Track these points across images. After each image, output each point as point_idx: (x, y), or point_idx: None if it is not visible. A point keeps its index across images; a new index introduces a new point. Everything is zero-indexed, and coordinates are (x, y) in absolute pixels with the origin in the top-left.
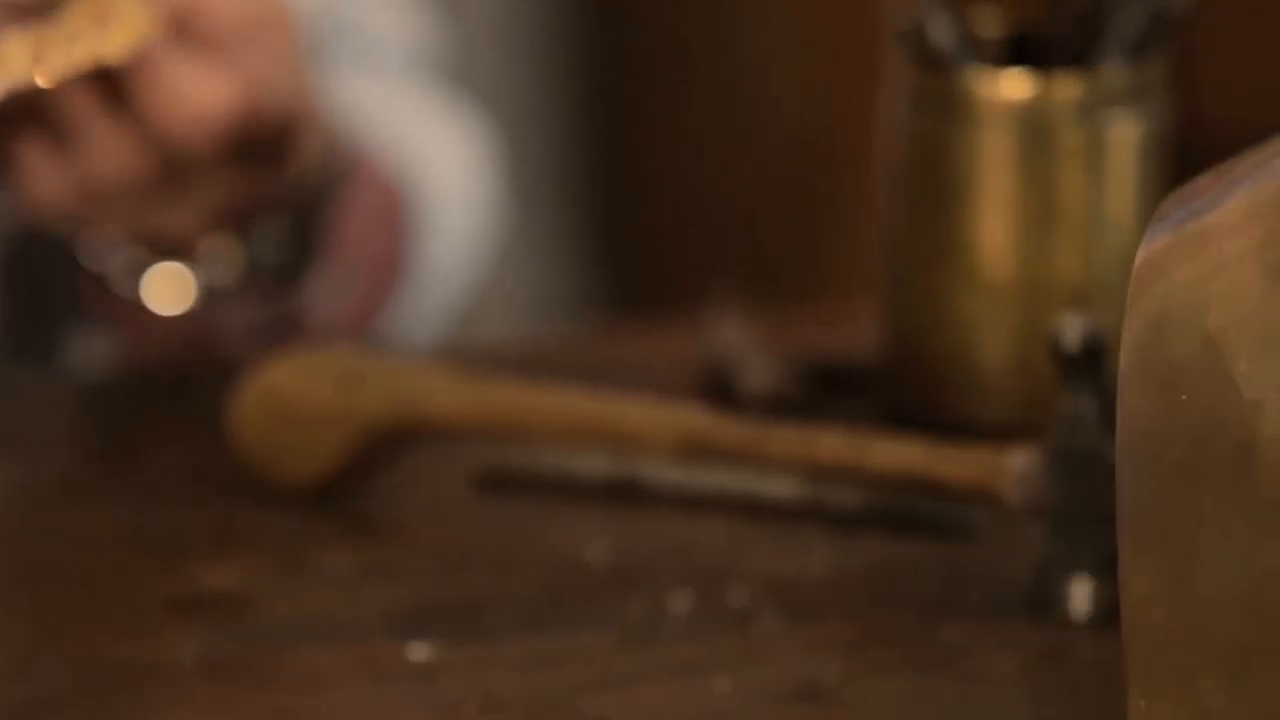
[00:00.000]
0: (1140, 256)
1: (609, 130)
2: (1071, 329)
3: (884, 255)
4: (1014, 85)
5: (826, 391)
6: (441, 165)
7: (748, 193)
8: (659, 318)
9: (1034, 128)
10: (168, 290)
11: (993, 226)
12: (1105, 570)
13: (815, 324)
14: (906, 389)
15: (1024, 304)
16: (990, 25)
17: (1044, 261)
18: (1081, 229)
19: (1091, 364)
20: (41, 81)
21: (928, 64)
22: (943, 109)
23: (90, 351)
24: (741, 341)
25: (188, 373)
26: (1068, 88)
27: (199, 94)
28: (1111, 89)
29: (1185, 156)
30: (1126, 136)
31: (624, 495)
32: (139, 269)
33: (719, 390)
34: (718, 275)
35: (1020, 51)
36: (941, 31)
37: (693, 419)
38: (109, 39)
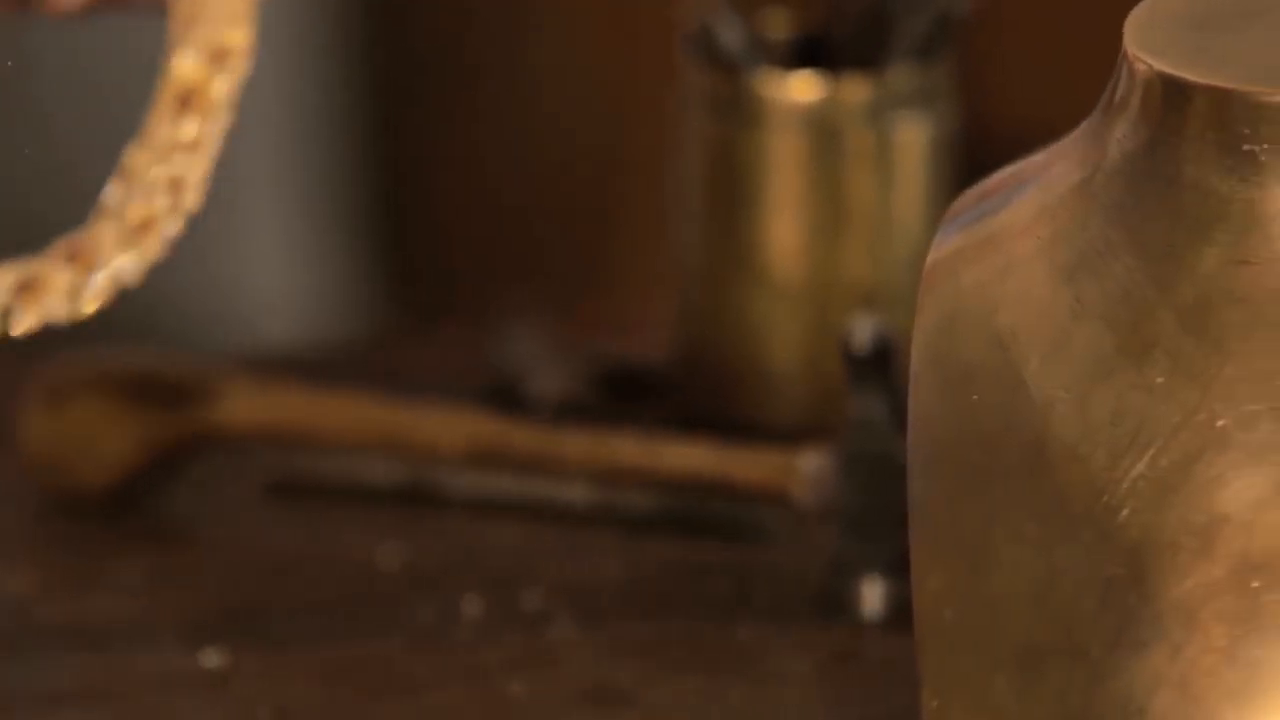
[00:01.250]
0: (930, 258)
1: (392, 135)
2: (861, 330)
3: (675, 258)
4: (802, 88)
5: (618, 395)
6: None
7: (536, 196)
8: (448, 324)
9: (822, 130)
10: None
11: (782, 229)
12: (897, 570)
13: (606, 328)
14: (698, 392)
15: (814, 305)
16: (778, 27)
17: (833, 263)
18: (870, 230)
19: (881, 365)
20: None
21: (716, 66)
22: (731, 111)
23: None
24: (532, 346)
25: None
26: (855, 90)
27: None
28: (899, 91)
29: (974, 157)
30: (914, 138)
31: (416, 500)
32: None
33: (509, 395)
34: (506, 280)
35: (808, 54)
36: (730, 34)
37: (484, 423)
38: None
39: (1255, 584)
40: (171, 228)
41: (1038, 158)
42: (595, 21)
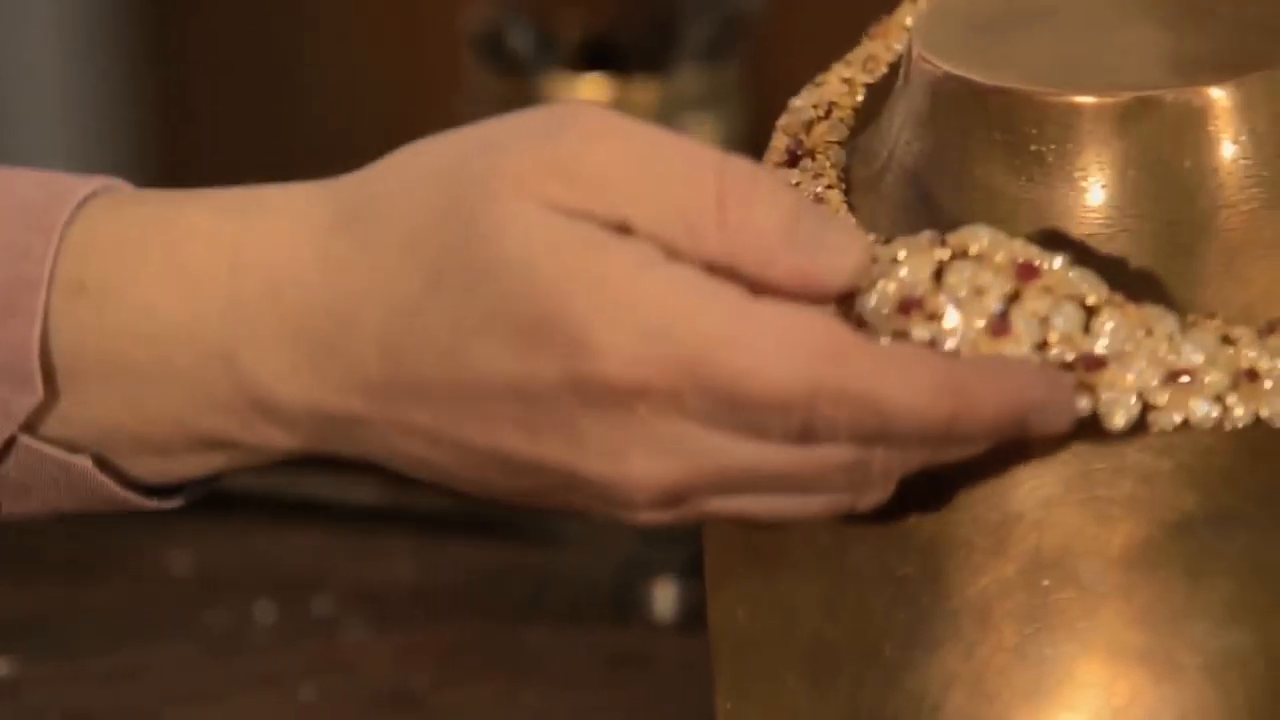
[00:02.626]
0: None
1: (166, 142)
2: None
3: None
4: (590, 90)
5: None
6: None
7: None
8: None
9: None
10: None
11: None
12: (690, 572)
13: None
14: None
15: None
16: (566, 29)
17: None
18: None
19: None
20: None
21: (503, 69)
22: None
23: None
24: None
25: None
26: (644, 92)
27: None
28: (687, 93)
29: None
30: (703, 140)
31: (207, 503)
32: None
33: None
34: None
35: (596, 56)
36: (517, 36)
37: None
38: None
39: (1045, 582)
40: None
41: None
42: (378, 24)
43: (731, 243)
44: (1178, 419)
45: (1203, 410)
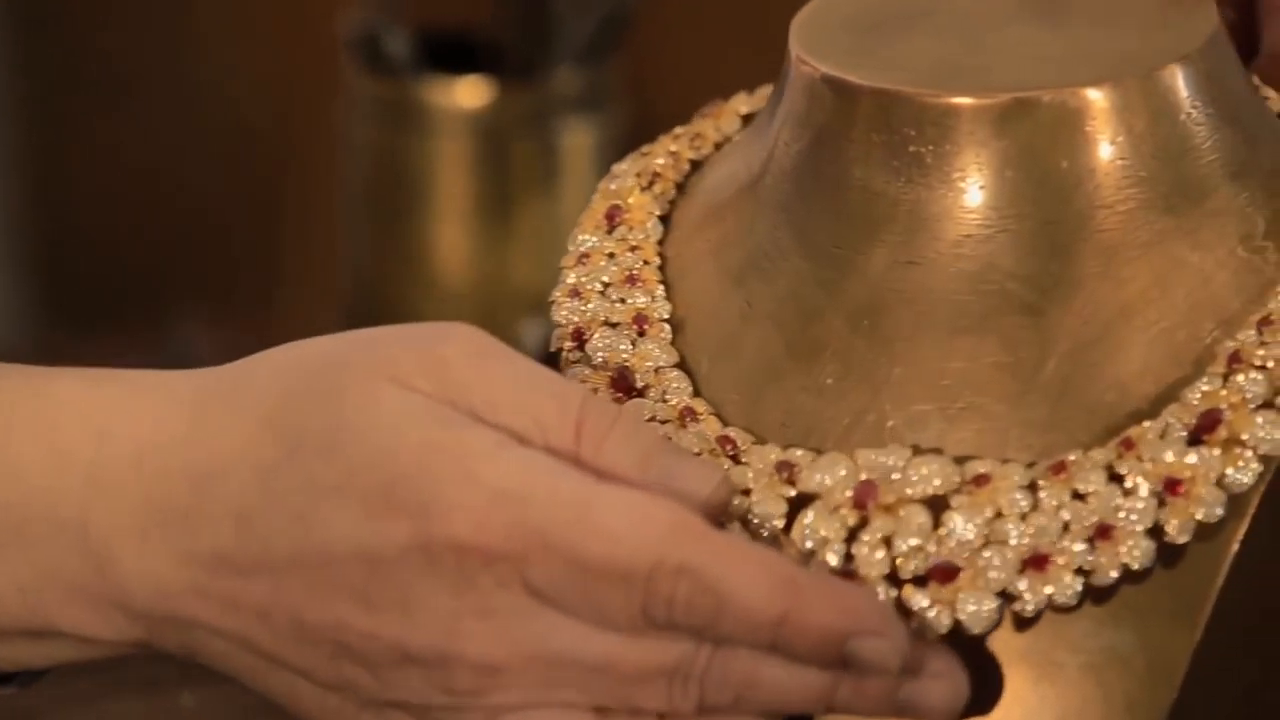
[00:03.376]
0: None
1: (46, 148)
2: (529, 335)
3: (343, 265)
4: (468, 93)
5: None
6: None
7: (201, 204)
8: (113, 334)
9: (488, 136)
10: None
11: (450, 235)
12: None
13: (278, 335)
14: None
15: (482, 311)
16: (443, 33)
17: (501, 269)
18: (538, 236)
19: (552, 370)
20: None
21: (380, 73)
22: (397, 118)
23: None
24: (205, 353)
25: None
26: (521, 96)
27: None
28: (565, 95)
29: None
30: (582, 142)
31: None
32: None
33: None
34: (172, 290)
35: (474, 59)
36: (394, 39)
37: None
38: None
39: None
40: None
41: (709, 161)
42: (259, 26)
43: (584, 463)
44: (1042, 604)
45: (1067, 594)
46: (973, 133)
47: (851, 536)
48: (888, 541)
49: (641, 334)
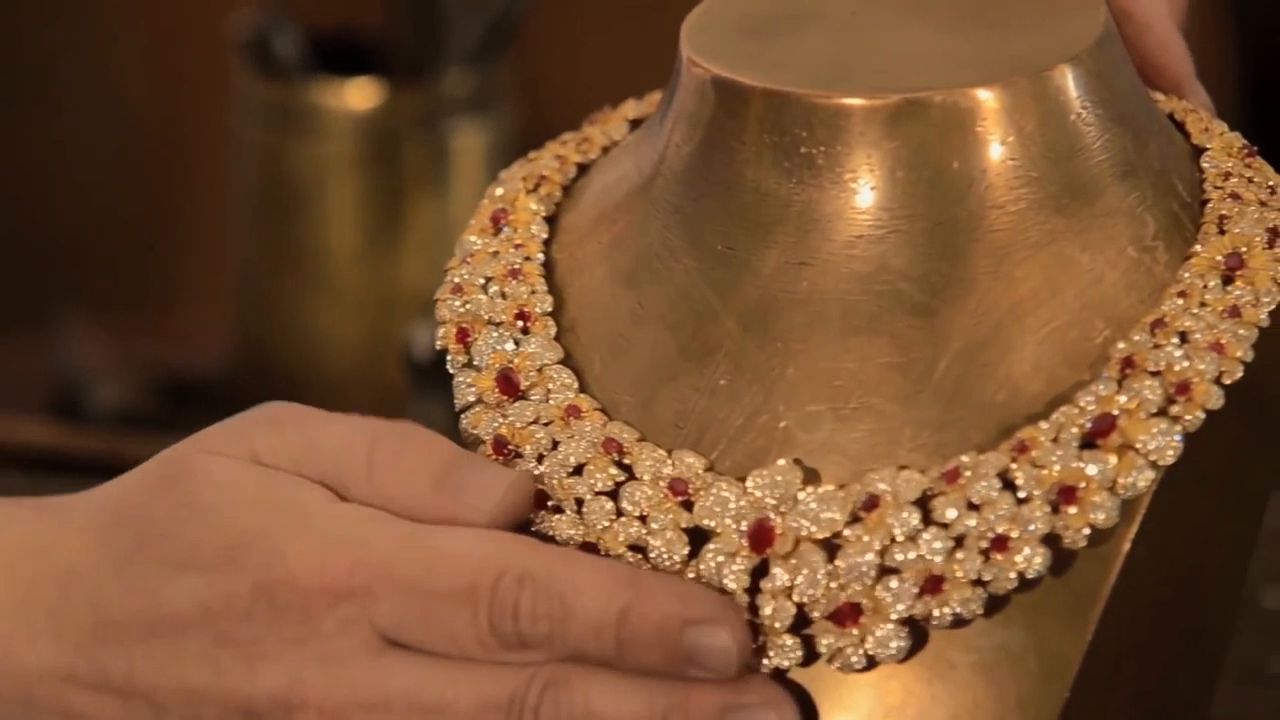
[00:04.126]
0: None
1: None
2: (421, 337)
3: (234, 267)
4: (358, 95)
5: (179, 405)
6: None
7: (91, 204)
8: (2, 334)
9: (379, 137)
10: None
11: (340, 237)
12: None
13: (167, 337)
14: (260, 400)
15: (374, 313)
16: (333, 36)
17: (392, 271)
18: (429, 238)
19: (442, 372)
20: None
21: (270, 74)
22: (287, 120)
23: None
24: (91, 356)
25: None
26: (411, 97)
27: None
28: (455, 96)
29: None
30: (472, 144)
31: None
32: None
33: (69, 406)
34: (62, 289)
35: (364, 61)
36: (283, 42)
37: (45, 432)
38: None
39: None
40: None
41: (602, 161)
42: (144, 29)
43: (378, 495)
44: (947, 621)
45: (970, 608)
46: (864, 133)
47: (754, 579)
48: (789, 591)
49: (526, 332)
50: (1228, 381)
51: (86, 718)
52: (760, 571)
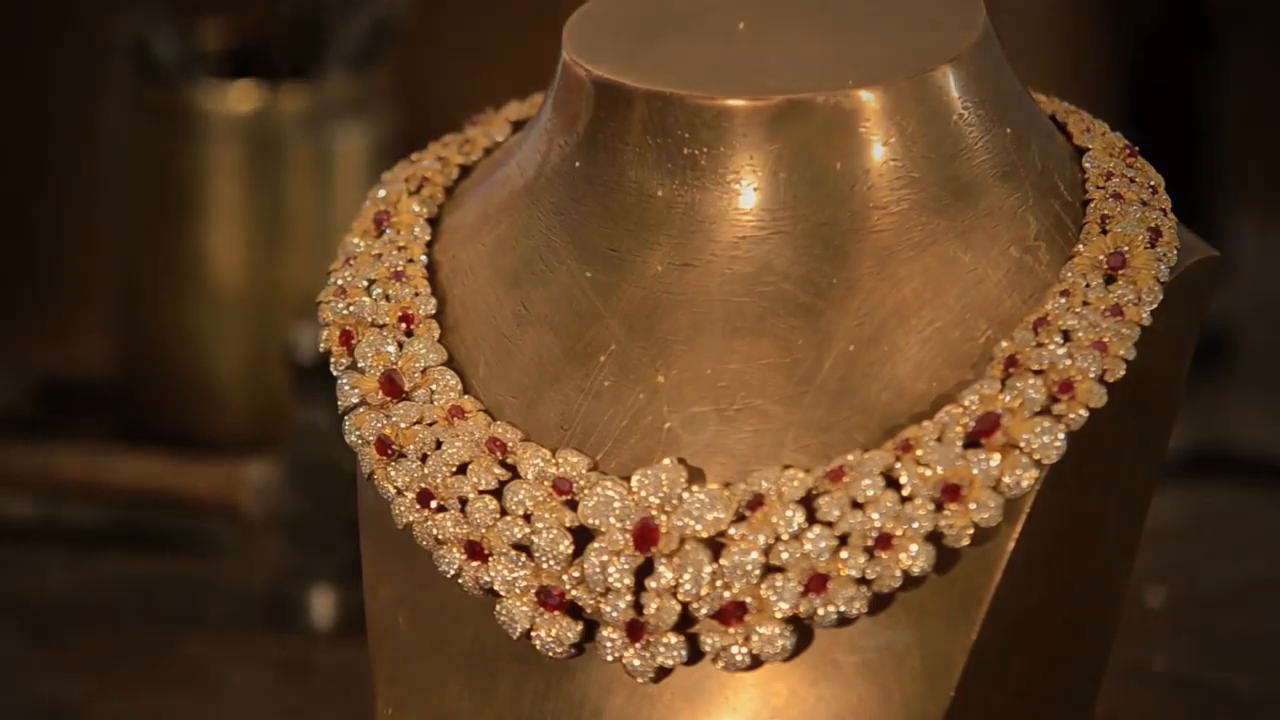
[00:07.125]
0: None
1: None
2: (304, 339)
3: (113, 269)
4: (238, 98)
5: (60, 409)
6: None
7: None
8: None
9: (260, 140)
10: None
11: (221, 239)
12: (348, 580)
13: (46, 340)
14: (141, 404)
15: (256, 315)
16: (214, 37)
17: (274, 273)
18: (311, 240)
19: (325, 374)
20: None
21: (149, 76)
22: (166, 122)
23: None
24: None
25: None
26: (292, 100)
27: None
28: (336, 99)
29: None
30: (354, 146)
31: None
32: None
33: None
34: None
35: (244, 64)
36: (163, 44)
37: None
38: None
39: None
40: None
41: (485, 165)
42: (21, 31)
43: None
44: (832, 620)
45: (855, 606)
46: (746, 135)
47: (638, 578)
48: (674, 589)
49: (409, 334)
50: (1110, 380)
51: None
52: (645, 570)
